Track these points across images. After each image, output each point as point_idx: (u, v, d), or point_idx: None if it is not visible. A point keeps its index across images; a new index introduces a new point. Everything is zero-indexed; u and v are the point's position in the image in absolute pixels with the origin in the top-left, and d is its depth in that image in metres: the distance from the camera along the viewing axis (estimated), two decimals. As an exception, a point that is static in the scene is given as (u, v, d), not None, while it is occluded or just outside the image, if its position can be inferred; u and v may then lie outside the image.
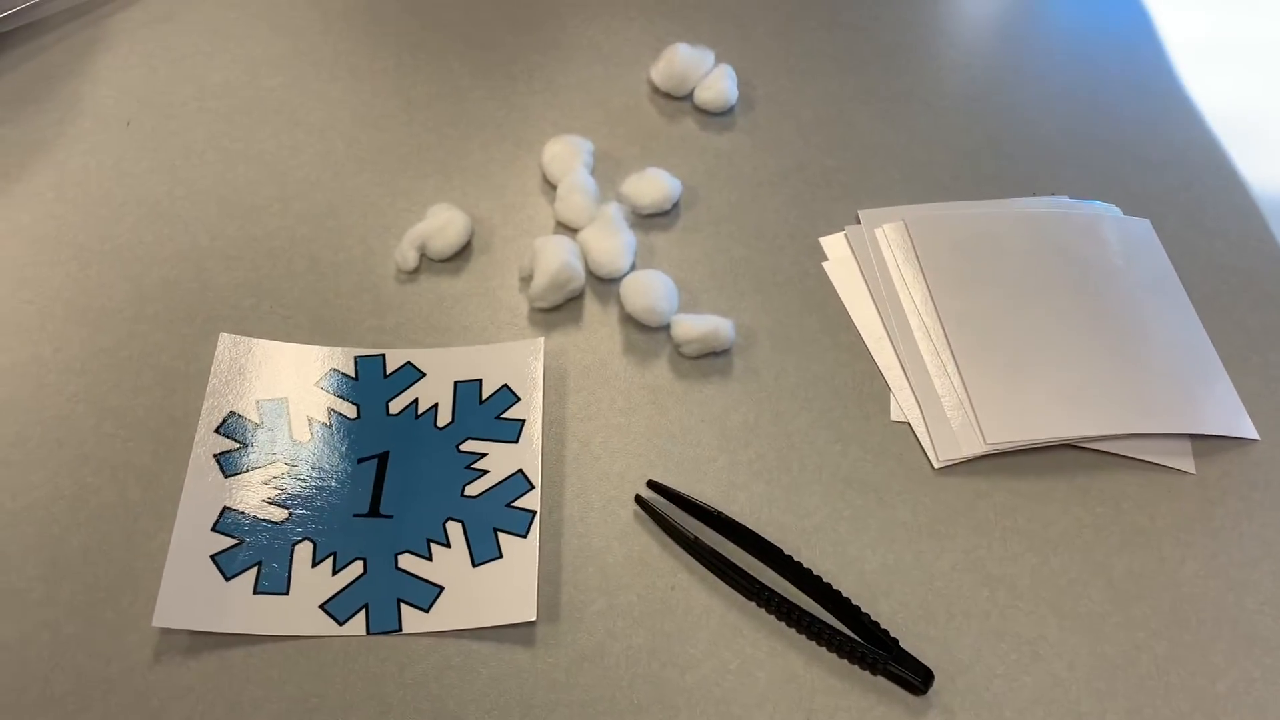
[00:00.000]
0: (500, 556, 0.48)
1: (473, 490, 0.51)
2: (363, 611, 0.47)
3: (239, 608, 0.46)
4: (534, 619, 0.47)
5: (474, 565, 0.48)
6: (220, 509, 0.49)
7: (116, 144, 0.63)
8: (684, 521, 0.50)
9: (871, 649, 0.46)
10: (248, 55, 0.69)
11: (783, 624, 0.48)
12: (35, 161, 0.62)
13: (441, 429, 0.53)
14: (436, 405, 0.53)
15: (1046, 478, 0.53)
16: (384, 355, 0.55)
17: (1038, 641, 0.48)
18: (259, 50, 0.69)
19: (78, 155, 0.63)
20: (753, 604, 0.48)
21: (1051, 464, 0.54)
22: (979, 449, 0.53)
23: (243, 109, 0.66)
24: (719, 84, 0.66)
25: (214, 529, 0.48)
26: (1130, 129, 0.68)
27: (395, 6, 0.72)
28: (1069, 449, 0.54)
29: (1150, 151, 0.67)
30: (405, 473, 0.51)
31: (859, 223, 0.62)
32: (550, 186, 0.62)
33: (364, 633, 0.47)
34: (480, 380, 0.54)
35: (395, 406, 0.53)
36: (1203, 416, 0.55)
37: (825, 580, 0.48)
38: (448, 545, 0.49)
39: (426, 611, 0.47)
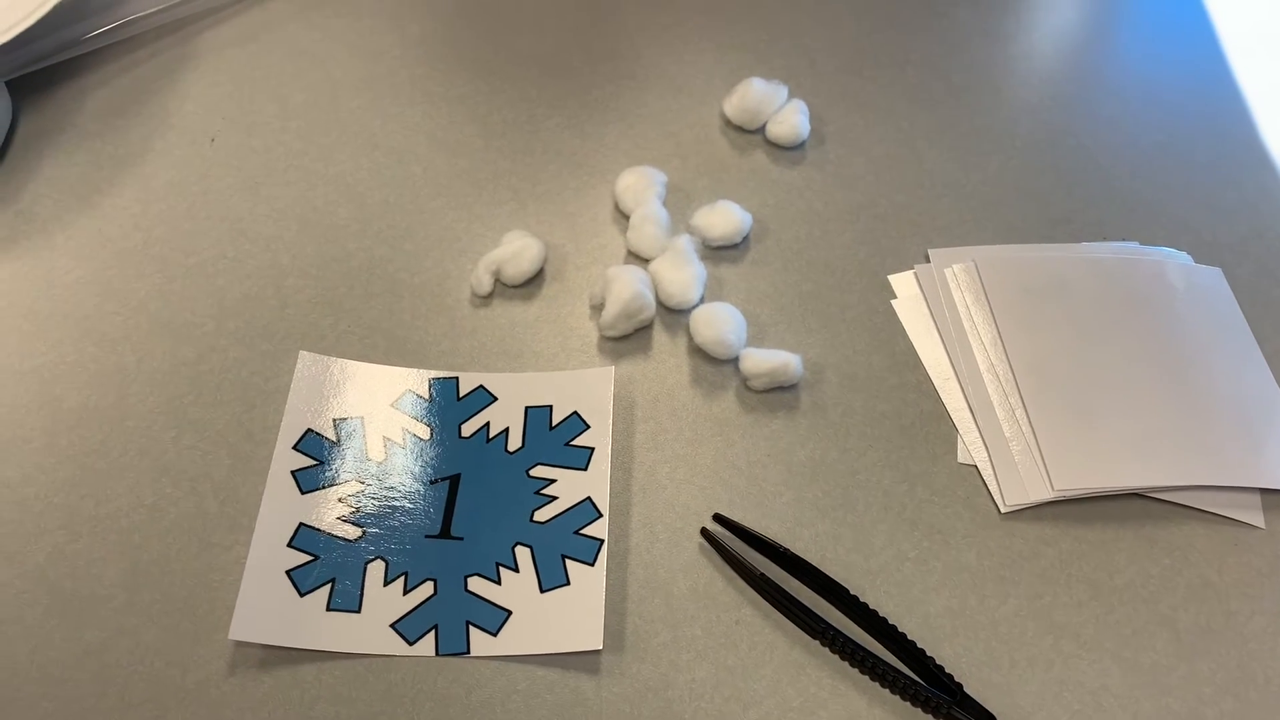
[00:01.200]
0: (568, 583, 0.49)
1: (541, 516, 0.51)
2: (432, 632, 0.48)
3: (312, 624, 0.47)
4: (600, 648, 0.47)
5: (542, 591, 0.49)
6: (296, 525, 0.50)
7: (201, 160, 0.65)
8: (749, 556, 0.50)
9: (935, 693, 0.46)
10: (328, 77, 0.70)
11: (846, 664, 0.48)
12: (123, 176, 0.64)
13: (512, 454, 0.53)
14: (507, 430, 0.54)
15: (1113, 526, 0.53)
16: (458, 378, 0.56)
17: (1100, 692, 0.48)
18: (339, 72, 0.70)
19: (164, 170, 0.64)
20: (816, 642, 0.48)
21: (1118, 512, 0.53)
22: (1046, 495, 0.53)
23: (323, 130, 0.67)
24: (791, 119, 0.67)
25: (290, 545, 0.50)
26: (1202, 175, 0.68)
27: (471, 33, 0.73)
28: (1136, 498, 0.54)
29: (1222, 199, 0.67)
30: (476, 496, 0.52)
31: (928, 261, 0.62)
32: (623, 216, 0.63)
33: (433, 654, 0.47)
34: (551, 406, 0.55)
35: (467, 429, 0.54)
36: (1273, 470, 0.54)
37: (890, 622, 0.48)
38: (516, 570, 0.50)
39: (494, 635, 0.48)
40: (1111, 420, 0.55)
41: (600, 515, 0.51)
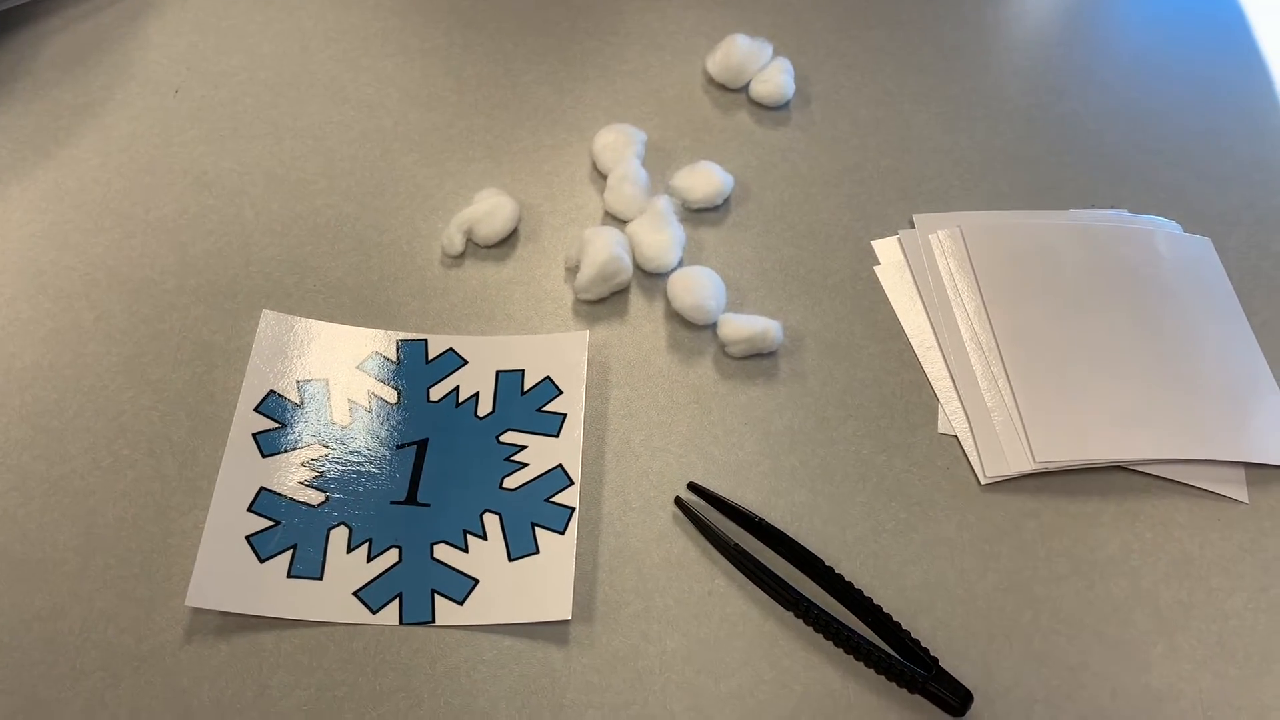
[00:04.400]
0: (537, 552, 0.48)
1: (511, 483, 0.50)
2: (396, 600, 0.46)
3: (272, 591, 0.46)
4: (569, 618, 0.46)
5: (510, 560, 0.48)
6: (257, 489, 0.49)
7: (164, 112, 0.63)
8: (724, 526, 0.49)
9: (910, 667, 0.45)
10: (299, 26, 0.68)
11: (820, 636, 0.47)
12: (82, 126, 0.62)
13: (482, 419, 0.52)
14: (478, 394, 0.53)
15: (1094, 499, 0.52)
16: (426, 340, 0.54)
17: (1080, 668, 0.47)
18: (309, 22, 0.68)
19: (125, 121, 0.62)
20: (790, 614, 0.47)
21: (1100, 485, 0.52)
22: (1027, 466, 0.52)
23: (292, 82, 0.65)
24: (776, 77, 0.65)
25: (250, 509, 0.48)
26: (1194, 143, 0.66)
27: (449, -17, 0.71)
28: (1119, 471, 0.53)
29: (1214, 167, 0.65)
30: (444, 461, 0.50)
31: (913, 227, 0.61)
32: (600, 176, 0.61)
33: (397, 622, 0.46)
34: (523, 371, 0.53)
35: (436, 393, 0.52)
36: (1258, 444, 0.53)
37: (865, 594, 0.47)
38: (484, 538, 0.48)
39: (461, 604, 0.46)
40: (1095, 391, 0.54)
41: (571, 483, 0.50)
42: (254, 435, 0.50)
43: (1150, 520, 0.51)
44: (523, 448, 0.51)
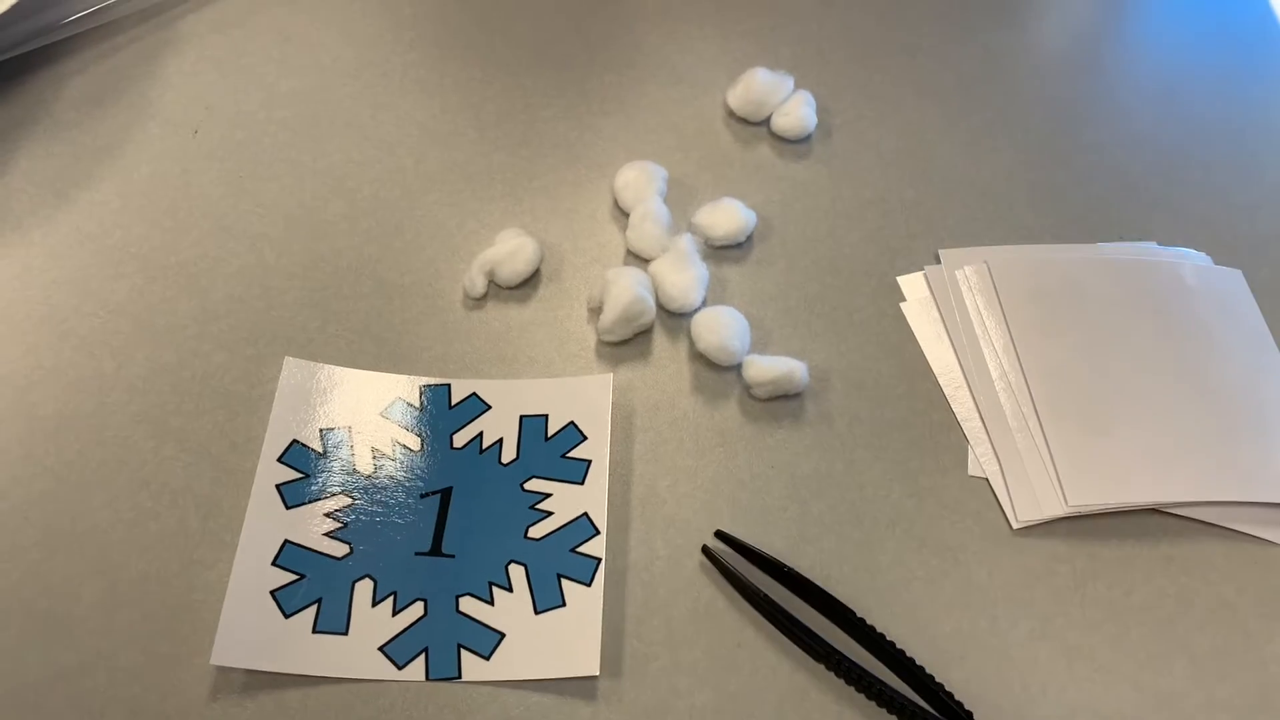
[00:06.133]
0: (564, 605, 0.47)
1: (536, 532, 0.49)
2: (422, 656, 0.46)
3: (297, 647, 0.46)
4: (597, 673, 0.45)
5: (536, 612, 0.47)
6: (281, 542, 0.48)
7: (183, 153, 0.63)
8: (752, 575, 0.48)
9: (945, 721, 0.45)
10: (317, 63, 0.67)
11: (852, 689, 0.46)
12: (102, 168, 0.61)
13: (506, 465, 0.51)
14: (501, 440, 0.52)
15: (1129, 543, 0.51)
16: (449, 385, 0.54)
17: (1116, 719, 0.46)
18: (327, 60, 0.68)
19: (144, 163, 0.62)
20: (821, 666, 0.47)
21: (1134, 529, 0.52)
22: (1060, 510, 0.51)
23: (311, 120, 0.65)
24: (797, 110, 0.64)
25: (274, 563, 0.48)
26: (1222, 173, 0.66)
27: (465, 18, 0.71)
28: (1153, 514, 0.52)
29: (1242, 197, 0.64)
30: (468, 510, 0.50)
31: (939, 262, 0.60)
32: (622, 213, 0.61)
33: (423, 678, 0.46)
34: (546, 416, 0.53)
35: (460, 440, 0.52)
36: (1295, 485, 0.52)
37: (898, 646, 0.46)
38: (510, 589, 0.48)
39: (487, 659, 0.46)
40: (1127, 431, 0.53)
41: (598, 532, 0.49)
42: (278, 486, 0.50)
43: (1185, 564, 0.51)
44: (547, 495, 0.50)
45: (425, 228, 0.60)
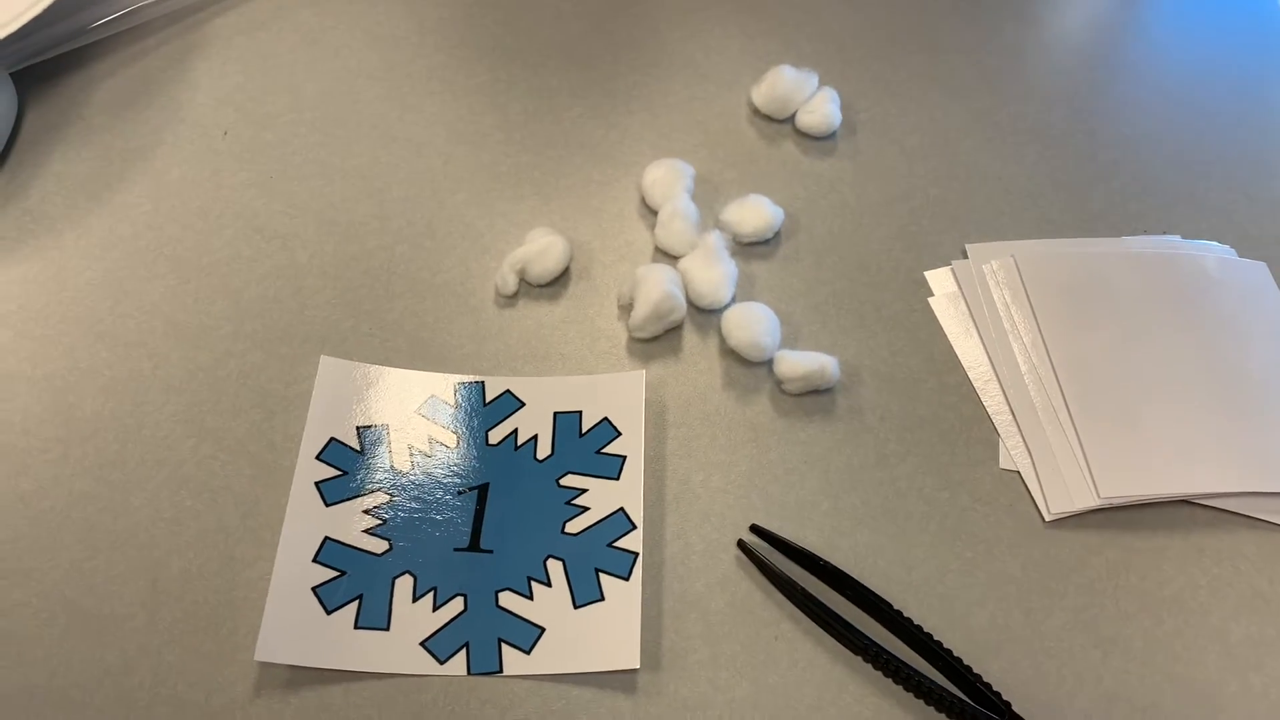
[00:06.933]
0: (602, 599, 0.48)
1: (573, 528, 0.50)
2: (463, 650, 0.46)
3: (340, 643, 0.46)
4: (637, 667, 0.46)
5: (575, 607, 0.47)
6: (322, 539, 0.49)
7: (213, 154, 0.63)
8: (787, 569, 0.49)
9: (983, 711, 0.45)
10: (344, 66, 0.68)
11: (890, 681, 0.46)
12: (133, 170, 0.62)
13: (541, 462, 0.52)
14: (536, 437, 0.52)
15: (1160, 534, 0.51)
16: (484, 383, 0.54)
17: (1151, 709, 0.46)
18: (354, 61, 0.68)
19: (175, 165, 0.62)
20: (859, 659, 0.47)
21: (1166, 520, 0.52)
22: (1091, 502, 0.51)
23: (339, 121, 0.65)
24: (822, 108, 0.65)
25: (315, 560, 0.48)
26: (1245, 165, 0.66)
27: (490, 19, 0.71)
28: (1184, 505, 0.52)
29: (1266, 190, 0.65)
30: (505, 506, 0.50)
31: (966, 257, 0.60)
32: (650, 211, 0.61)
33: (465, 673, 0.46)
34: (580, 412, 0.53)
35: (495, 436, 0.52)
36: (1325, 476, 0.52)
37: (935, 638, 0.47)
38: (549, 584, 0.48)
39: (528, 653, 0.46)
40: (1157, 423, 0.53)
41: (634, 527, 0.50)
42: (317, 484, 0.50)
43: (1217, 555, 0.51)
44: (583, 491, 0.51)
45: (455, 227, 0.60)
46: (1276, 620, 0.49)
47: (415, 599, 0.47)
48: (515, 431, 0.53)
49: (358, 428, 0.52)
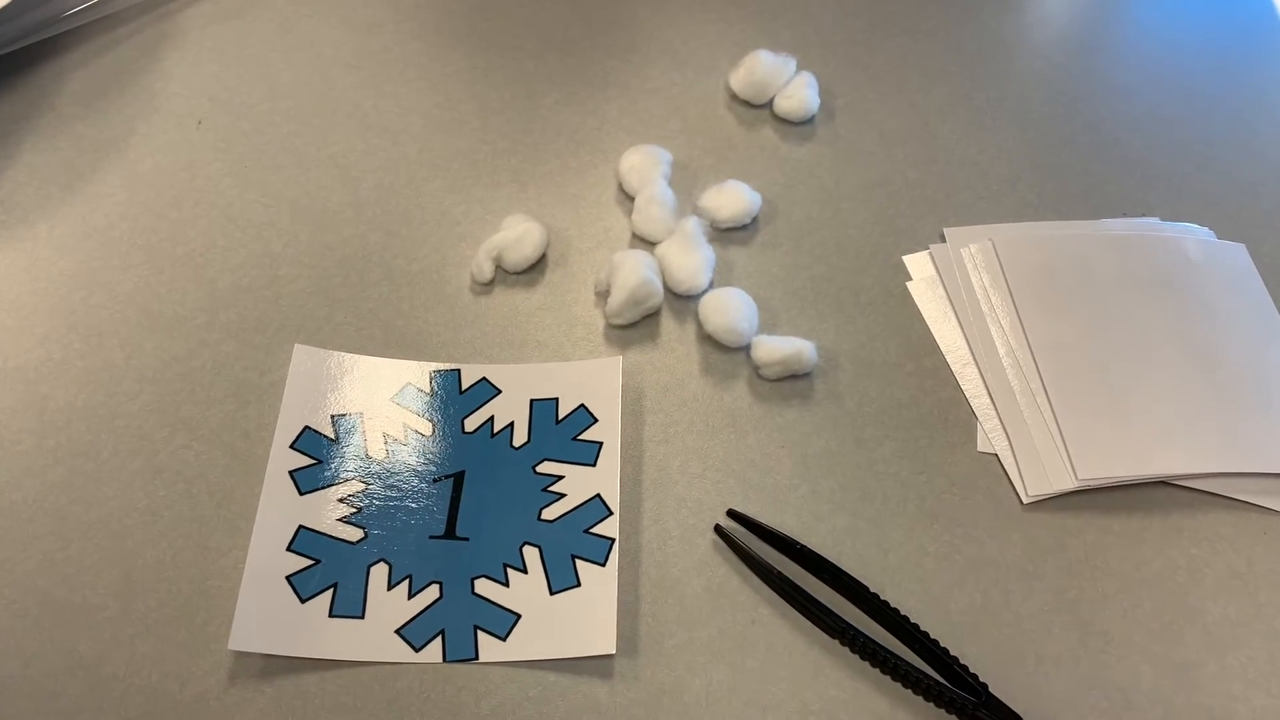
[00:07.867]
0: (579, 585, 0.47)
1: (550, 514, 0.50)
2: (439, 638, 0.46)
3: (314, 631, 0.46)
4: (613, 652, 0.46)
5: (551, 593, 0.47)
6: (296, 528, 0.48)
7: (187, 144, 0.63)
8: (765, 553, 0.49)
9: (960, 694, 0.45)
10: (319, 55, 0.67)
11: (867, 664, 0.46)
12: (107, 161, 0.61)
13: (517, 449, 0.52)
14: (512, 424, 0.52)
15: (1138, 516, 0.51)
16: (460, 370, 0.54)
17: (1130, 690, 0.46)
18: (329, 50, 0.68)
19: (149, 155, 0.62)
20: (836, 642, 0.47)
21: (1144, 501, 0.52)
22: (1070, 484, 0.51)
23: (314, 110, 0.65)
24: (800, 93, 0.65)
25: (289, 549, 0.48)
26: (1224, 148, 0.66)
27: (466, 5, 0.71)
28: (1162, 486, 0.52)
29: (1245, 172, 0.65)
30: (481, 493, 0.50)
31: (944, 241, 0.60)
32: (627, 197, 0.61)
33: (440, 660, 0.46)
34: (557, 399, 0.53)
35: (471, 424, 0.52)
36: (1303, 456, 0.53)
37: (911, 620, 0.47)
38: (525, 571, 0.48)
39: (504, 640, 0.46)
40: (1135, 405, 0.53)
41: (610, 513, 0.49)
42: (291, 472, 0.50)
43: (1195, 536, 0.51)
44: (560, 478, 0.51)
45: (431, 215, 0.60)
46: (1254, 600, 0.49)
47: (390, 587, 0.47)
48: (491, 419, 0.52)
49: (332, 416, 0.52)
